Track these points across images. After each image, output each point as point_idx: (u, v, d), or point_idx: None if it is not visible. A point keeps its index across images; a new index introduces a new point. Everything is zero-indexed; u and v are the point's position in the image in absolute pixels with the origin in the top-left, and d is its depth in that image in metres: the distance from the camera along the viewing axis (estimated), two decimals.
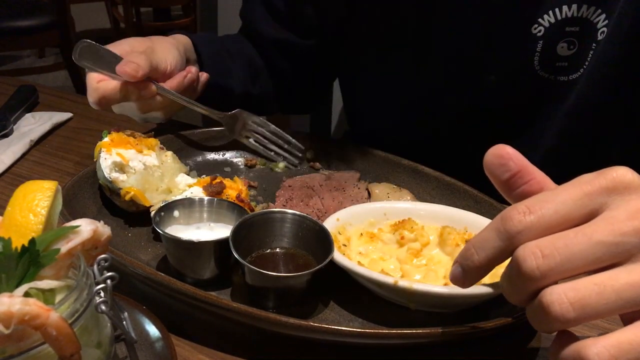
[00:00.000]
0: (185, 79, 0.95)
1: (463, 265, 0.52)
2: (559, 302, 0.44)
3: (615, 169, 0.48)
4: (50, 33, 3.14)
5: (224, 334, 0.67)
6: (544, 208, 0.47)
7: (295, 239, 0.74)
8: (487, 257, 0.50)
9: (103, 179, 0.82)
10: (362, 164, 0.98)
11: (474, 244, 0.51)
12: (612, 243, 0.45)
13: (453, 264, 0.54)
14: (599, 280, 0.44)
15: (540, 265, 0.45)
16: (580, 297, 0.44)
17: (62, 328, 0.42)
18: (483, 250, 0.50)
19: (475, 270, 0.51)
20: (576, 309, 0.44)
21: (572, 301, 0.44)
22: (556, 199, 0.48)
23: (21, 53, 4.71)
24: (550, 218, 0.47)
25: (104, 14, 5.02)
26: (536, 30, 0.88)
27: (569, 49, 0.89)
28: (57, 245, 0.47)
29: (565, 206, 0.47)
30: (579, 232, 0.46)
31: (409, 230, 0.75)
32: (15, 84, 1.29)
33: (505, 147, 0.53)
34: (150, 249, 0.79)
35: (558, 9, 0.86)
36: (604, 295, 0.44)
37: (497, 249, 0.49)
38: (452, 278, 0.53)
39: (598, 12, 0.85)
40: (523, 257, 0.46)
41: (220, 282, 0.72)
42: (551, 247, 0.45)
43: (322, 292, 0.71)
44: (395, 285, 0.64)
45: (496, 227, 0.49)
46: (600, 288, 0.44)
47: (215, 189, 0.81)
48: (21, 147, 1.06)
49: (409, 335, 0.61)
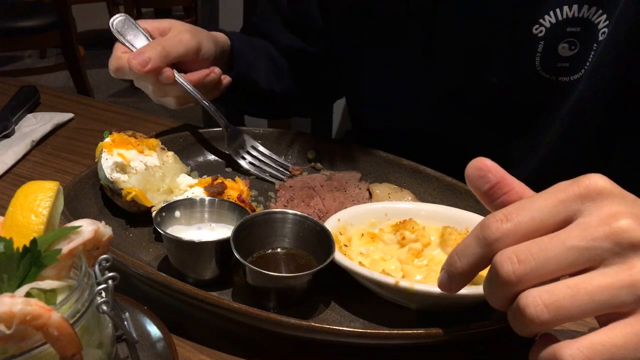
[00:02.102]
0: (207, 78, 0.96)
1: (448, 271, 0.54)
2: (534, 304, 0.46)
3: (588, 177, 0.50)
4: (52, 33, 3.13)
5: (225, 334, 0.67)
6: (520, 215, 0.49)
7: (297, 240, 0.74)
8: (469, 264, 0.52)
9: (104, 179, 0.82)
10: (363, 164, 0.98)
11: (457, 251, 0.53)
12: (584, 248, 0.46)
13: (440, 270, 0.56)
14: (572, 284, 0.46)
15: (516, 270, 0.47)
16: (555, 300, 0.45)
17: (64, 328, 0.42)
18: (465, 257, 0.52)
19: (458, 276, 0.53)
20: (550, 311, 0.45)
21: (547, 303, 0.45)
22: (532, 207, 0.49)
23: (22, 53, 4.72)
24: (526, 225, 0.49)
25: (105, 14, 5.03)
26: (537, 30, 0.88)
27: (570, 49, 0.88)
28: (59, 246, 0.47)
29: (541, 213, 0.49)
30: (554, 237, 0.47)
31: (410, 230, 0.75)
32: (17, 84, 1.30)
33: (484, 159, 0.55)
34: (151, 249, 0.79)
35: (559, 9, 0.86)
36: (578, 297, 0.45)
37: (477, 255, 0.51)
38: (439, 284, 0.56)
39: (599, 12, 0.85)
40: (500, 263, 0.48)
41: (221, 283, 0.72)
42: (526, 252, 0.47)
43: (323, 292, 0.71)
44: (396, 285, 0.64)
45: (476, 234, 0.51)
46: (573, 291, 0.45)
47: (217, 190, 0.81)
48: (22, 147, 1.06)
49: (409, 336, 0.61)
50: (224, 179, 0.84)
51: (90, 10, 5.20)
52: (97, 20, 5.31)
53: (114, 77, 0.95)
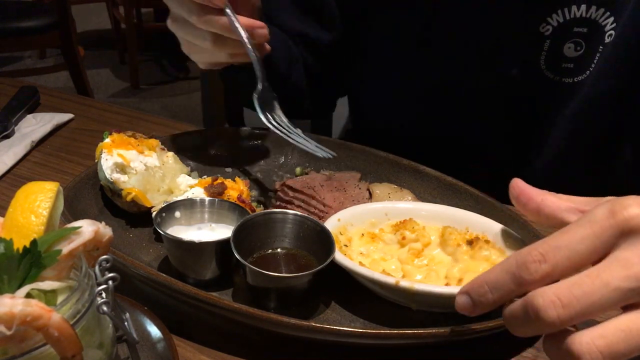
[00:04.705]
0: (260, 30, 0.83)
1: (475, 300, 0.54)
2: (590, 352, 0.46)
3: (624, 206, 0.49)
4: (52, 34, 3.13)
5: (226, 334, 0.67)
6: (557, 256, 0.49)
7: (297, 240, 0.74)
8: (501, 297, 0.52)
9: (104, 179, 0.82)
10: (363, 164, 0.98)
11: (488, 283, 0.53)
12: (628, 289, 0.46)
13: (459, 293, 0.55)
14: (624, 326, 0.46)
15: (561, 315, 0.47)
16: (609, 345, 0.45)
17: (64, 329, 0.42)
18: (497, 291, 0.52)
19: (488, 307, 0.54)
20: (606, 356, 0.45)
21: (602, 349, 0.45)
22: (569, 244, 0.49)
23: (22, 54, 4.72)
24: (563, 265, 0.49)
25: (104, 14, 5.03)
26: (544, 29, 0.88)
27: (575, 50, 0.88)
28: (59, 246, 0.47)
29: (577, 253, 0.49)
30: (596, 278, 0.47)
31: (410, 230, 0.75)
32: (17, 85, 1.30)
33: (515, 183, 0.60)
34: (151, 249, 0.79)
35: (567, 8, 0.86)
36: (631, 339, 0.46)
37: (510, 291, 0.51)
38: (460, 308, 0.55)
39: (607, 14, 0.85)
40: (544, 307, 0.47)
41: (221, 283, 0.72)
42: (569, 296, 0.47)
43: (324, 292, 0.71)
44: (396, 285, 0.64)
45: (512, 272, 0.51)
46: (627, 335, 0.46)
47: (217, 190, 0.81)
48: (22, 148, 1.06)
49: (410, 336, 0.61)
50: (224, 179, 0.84)
51: (90, 10, 5.20)
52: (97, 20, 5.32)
53: (114, 78, 0.93)
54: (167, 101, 4.14)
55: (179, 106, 4.04)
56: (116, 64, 4.71)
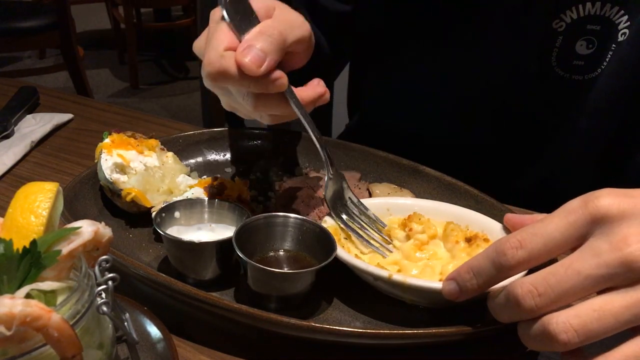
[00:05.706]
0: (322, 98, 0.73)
1: (461, 285, 0.59)
2: (565, 330, 0.49)
3: (597, 197, 0.52)
4: (51, 34, 3.13)
5: (226, 334, 0.67)
6: (533, 242, 0.54)
7: (297, 242, 0.74)
8: (485, 283, 0.58)
9: (104, 180, 0.82)
10: (362, 164, 0.98)
11: (473, 269, 0.58)
12: (599, 275, 0.50)
13: (447, 279, 0.61)
14: (597, 306, 0.49)
15: (538, 303, 0.51)
16: (584, 324, 0.49)
17: (64, 329, 0.42)
18: (480, 276, 0.58)
19: (472, 292, 0.59)
20: (581, 335, 0.49)
21: (577, 328, 0.49)
22: (544, 232, 0.54)
23: (22, 54, 4.72)
24: (539, 252, 0.54)
25: (104, 14, 5.03)
26: (557, 25, 0.87)
27: (587, 47, 0.88)
28: (59, 247, 0.47)
29: (553, 239, 0.53)
30: (568, 268, 0.51)
31: (416, 222, 0.75)
32: (16, 85, 1.30)
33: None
34: (151, 249, 0.79)
35: (582, 5, 0.85)
36: (604, 320, 0.49)
37: (492, 276, 0.57)
38: (448, 293, 0.60)
39: (621, 12, 0.84)
40: (522, 296, 0.52)
41: (221, 283, 0.72)
42: (545, 285, 0.51)
43: (324, 291, 0.70)
44: (389, 279, 0.64)
45: (492, 258, 0.56)
46: (599, 314, 0.49)
47: (216, 190, 0.81)
48: (22, 148, 1.06)
49: (410, 336, 0.61)
50: (224, 179, 0.84)
51: (90, 11, 5.21)
52: (97, 20, 5.32)
53: (113, 78, 0.92)
54: (167, 101, 4.15)
55: (179, 106, 4.05)
56: (115, 64, 4.72)
